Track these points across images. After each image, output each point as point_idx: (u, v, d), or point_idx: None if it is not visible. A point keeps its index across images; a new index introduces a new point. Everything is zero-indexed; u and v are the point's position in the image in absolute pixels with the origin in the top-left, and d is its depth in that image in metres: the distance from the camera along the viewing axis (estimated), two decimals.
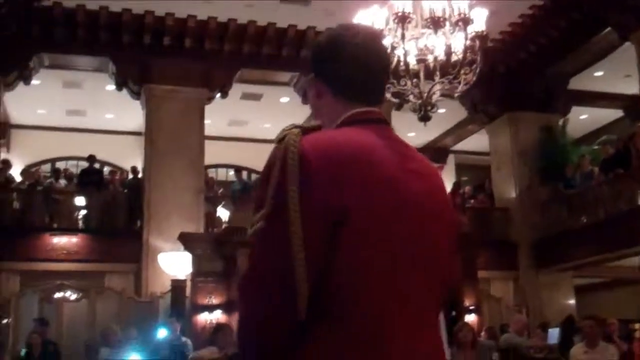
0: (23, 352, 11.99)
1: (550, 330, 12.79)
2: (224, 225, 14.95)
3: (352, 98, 1.74)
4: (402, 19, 6.92)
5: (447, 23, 7.08)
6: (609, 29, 15.12)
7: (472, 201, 19.20)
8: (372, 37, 1.82)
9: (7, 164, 16.85)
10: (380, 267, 1.56)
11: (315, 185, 1.52)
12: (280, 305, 1.52)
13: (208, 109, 16.79)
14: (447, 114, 17.84)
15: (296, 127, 1.60)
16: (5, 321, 13.96)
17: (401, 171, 1.64)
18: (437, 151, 21.40)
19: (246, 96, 18.63)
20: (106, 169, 19.18)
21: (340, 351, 1.52)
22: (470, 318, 13.16)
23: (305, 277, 1.49)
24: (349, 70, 1.74)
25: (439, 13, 6.99)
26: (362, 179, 1.56)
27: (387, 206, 1.58)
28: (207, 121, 16.72)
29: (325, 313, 1.53)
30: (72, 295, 15.23)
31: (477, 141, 20.77)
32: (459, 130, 21.21)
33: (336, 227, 1.51)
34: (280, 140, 1.58)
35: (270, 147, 1.61)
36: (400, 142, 1.73)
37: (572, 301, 17.25)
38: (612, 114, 20.16)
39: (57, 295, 15.01)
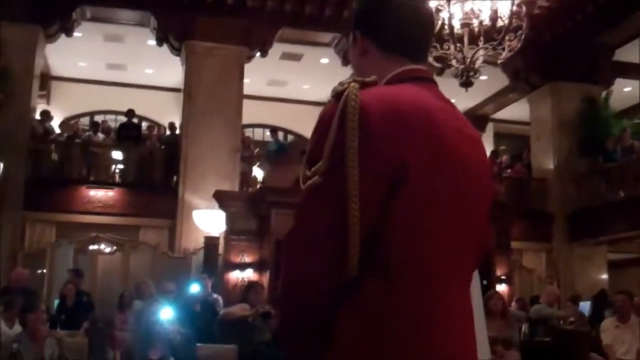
0: (56, 302, 12.17)
1: (581, 303, 12.74)
2: (258, 185, 14.98)
3: (399, 55, 1.71)
4: None
5: None
6: None
7: (509, 170, 19.05)
8: None
9: (46, 116, 17.01)
10: (432, 226, 1.54)
11: (376, 140, 1.48)
12: (332, 263, 1.49)
13: (247, 68, 16.72)
14: (488, 81, 17.60)
15: (354, 80, 1.55)
16: (40, 271, 14.18)
17: (452, 131, 1.60)
18: (477, 119, 21.15)
19: (286, 56, 18.52)
20: (144, 124, 19.24)
21: (393, 308, 1.49)
22: (501, 288, 13.10)
23: (359, 235, 1.47)
24: (395, 26, 1.71)
25: None
26: (422, 135, 1.52)
27: (439, 165, 1.54)
28: (246, 80, 16.66)
29: (377, 271, 1.50)
30: (106, 248, 15.42)
31: (517, 110, 20.55)
32: (500, 99, 20.95)
33: (395, 184, 1.48)
34: (338, 94, 1.53)
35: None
36: (449, 102, 1.70)
37: (604, 276, 17.11)
38: None
39: (92, 247, 15.20)
